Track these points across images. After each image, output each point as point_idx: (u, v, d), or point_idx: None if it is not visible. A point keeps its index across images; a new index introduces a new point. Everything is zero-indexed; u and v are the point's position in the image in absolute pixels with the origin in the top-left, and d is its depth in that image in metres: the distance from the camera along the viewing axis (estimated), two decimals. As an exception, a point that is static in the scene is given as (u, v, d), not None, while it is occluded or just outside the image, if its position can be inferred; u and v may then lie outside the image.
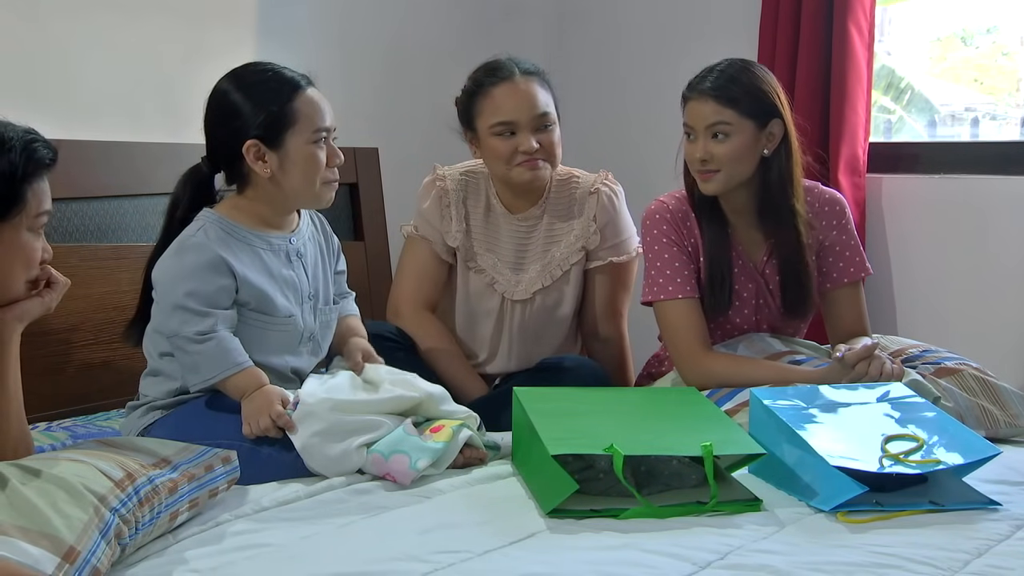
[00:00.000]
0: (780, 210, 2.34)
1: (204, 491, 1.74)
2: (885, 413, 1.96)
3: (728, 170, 2.30)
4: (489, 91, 2.46)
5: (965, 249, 2.90)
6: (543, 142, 2.45)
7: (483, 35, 3.40)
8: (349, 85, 3.00)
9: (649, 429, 1.94)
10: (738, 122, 2.28)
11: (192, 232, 2.09)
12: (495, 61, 2.50)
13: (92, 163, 2.50)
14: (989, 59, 3.28)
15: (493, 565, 1.55)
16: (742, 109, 2.28)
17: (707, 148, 2.29)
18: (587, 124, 3.50)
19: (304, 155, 2.10)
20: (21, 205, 1.67)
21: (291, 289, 2.16)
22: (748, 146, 2.29)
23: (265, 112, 2.07)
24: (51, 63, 2.54)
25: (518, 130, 2.44)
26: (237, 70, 2.13)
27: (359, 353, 2.24)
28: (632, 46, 3.54)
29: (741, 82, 2.29)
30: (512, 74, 2.46)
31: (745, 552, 1.60)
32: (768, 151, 2.32)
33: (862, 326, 2.42)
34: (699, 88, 2.31)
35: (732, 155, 2.28)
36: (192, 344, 2.02)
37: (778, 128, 2.31)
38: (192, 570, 1.55)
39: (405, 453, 1.93)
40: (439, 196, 2.58)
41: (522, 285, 2.56)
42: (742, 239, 2.41)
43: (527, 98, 2.44)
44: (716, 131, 2.28)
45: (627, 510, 1.75)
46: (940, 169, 2.98)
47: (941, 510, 1.77)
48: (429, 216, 2.58)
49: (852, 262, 2.42)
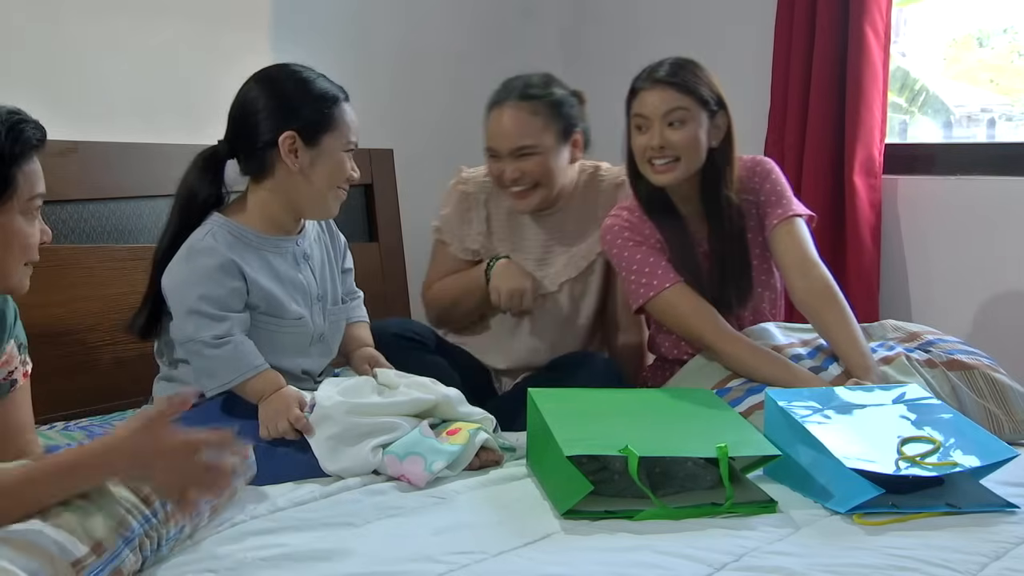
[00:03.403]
0: (719, 200, 2.37)
1: (224, 495, 1.73)
2: (901, 415, 1.96)
3: (686, 158, 2.32)
4: (488, 113, 2.49)
5: (981, 250, 2.89)
6: (526, 170, 2.44)
7: (498, 37, 3.40)
8: (364, 86, 2.99)
9: (664, 430, 1.94)
10: (694, 108, 2.31)
11: (200, 236, 2.09)
12: (505, 82, 2.50)
13: (109, 164, 2.51)
14: (1005, 60, 3.27)
15: (508, 566, 1.56)
16: (697, 97, 2.31)
17: (664, 135, 2.30)
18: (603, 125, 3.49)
19: (336, 159, 2.12)
20: (11, 189, 1.60)
21: (299, 292, 2.16)
22: (701, 136, 2.33)
23: (309, 110, 2.09)
24: (68, 65, 2.56)
25: (501, 157, 2.46)
26: (281, 68, 2.15)
27: (366, 364, 2.25)
28: (648, 47, 3.49)
29: (694, 73, 2.34)
30: (503, 100, 2.46)
31: (760, 554, 1.60)
32: (716, 143, 2.35)
33: (807, 261, 2.35)
34: (654, 78, 2.33)
35: (689, 142, 2.31)
36: (208, 348, 2.03)
37: (723, 121, 2.35)
38: (208, 570, 1.56)
39: (420, 455, 1.94)
40: (461, 199, 2.59)
41: (549, 278, 2.57)
42: (693, 229, 2.43)
43: (507, 128, 2.43)
44: (673, 118, 2.30)
45: (642, 511, 1.75)
46: (956, 170, 2.97)
47: (958, 512, 1.76)
48: (450, 221, 2.60)
49: (779, 204, 2.40)
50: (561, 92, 2.49)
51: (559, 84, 2.51)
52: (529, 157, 2.44)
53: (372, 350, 2.30)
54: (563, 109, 2.47)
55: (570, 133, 2.48)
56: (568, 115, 2.48)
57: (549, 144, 2.45)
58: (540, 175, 2.46)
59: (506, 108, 2.45)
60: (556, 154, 2.47)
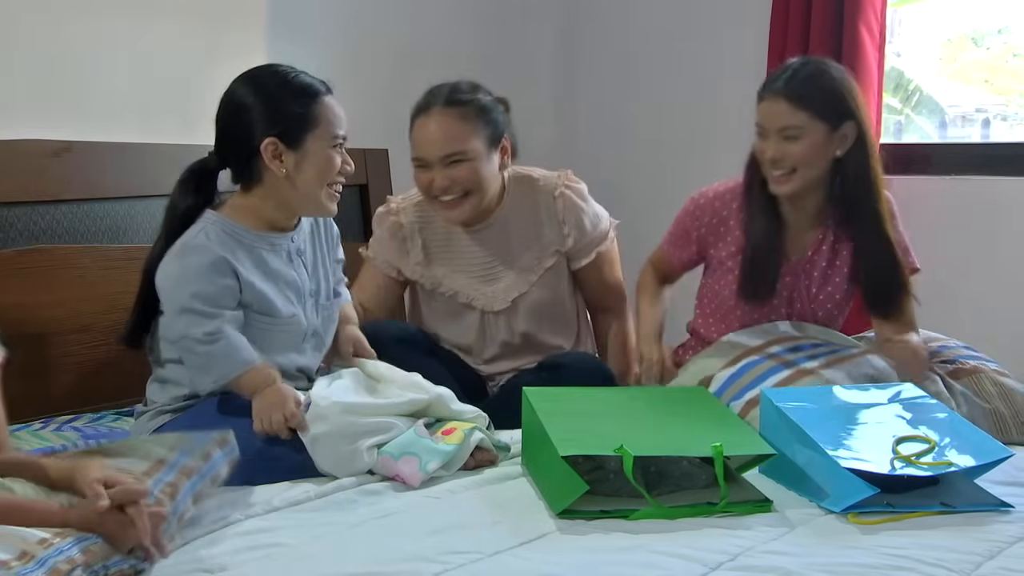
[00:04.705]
0: (861, 211, 2.34)
1: (206, 481, 1.72)
2: (896, 414, 1.96)
3: (803, 170, 2.30)
4: (413, 121, 2.42)
5: (977, 250, 2.89)
6: (456, 177, 2.37)
7: (495, 36, 3.40)
8: (360, 86, 3.00)
9: (659, 430, 1.94)
10: (810, 124, 2.28)
11: (193, 234, 2.08)
12: (430, 89, 2.43)
13: (105, 164, 2.51)
14: (1000, 60, 3.28)
15: (503, 566, 1.56)
16: (814, 111, 2.27)
17: (779, 147, 2.29)
18: (599, 125, 3.50)
19: (322, 157, 2.11)
20: None
21: (292, 289, 2.16)
22: (820, 147, 2.29)
23: (288, 112, 2.07)
24: (65, 65, 2.55)
25: (430, 166, 2.39)
26: (258, 70, 2.14)
27: (350, 345, 2.25)
28: (644, 47, 3.53)
29: (815, 83, 2.29)
30: (429, 106, 2.39)
31: (755, 553, 1.60)
32: (841, 152, 2.31)
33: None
34: (773, 88, 2.31)
35: (805, 155, 2.29)
36: (201, 345, 2.02)
37: (851, 130, 2.30)
38: (203, 569, 1.56)
39: (415, 455, 1.94)
40: (393, 231, 2.53)
41: (499, 296, 2.51)
42: (790, 235, 2.41)
43: (436, 135, 2.37)
44: (787, 134, 2.29)
45: (637, 511, 1.75)
46: (951, 170, 2.97)
47: (952, 512, 1.76)
48: (383, 250, 2.56)
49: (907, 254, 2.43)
50: (487, 98, 2.43)
51: (485, 91, 2.45)
52: (459, 164, 2.37)
53: (355, 330, 2.30)
54: (491, 115, 2.41)
55: (498, 139, 2.42)
56: (496, 121, 2.42)
57: (479, 150, 2.38)
58: (471, 182, 2.39)
59: (432, 114, 2.38)
60: (486, 160, 2.40)
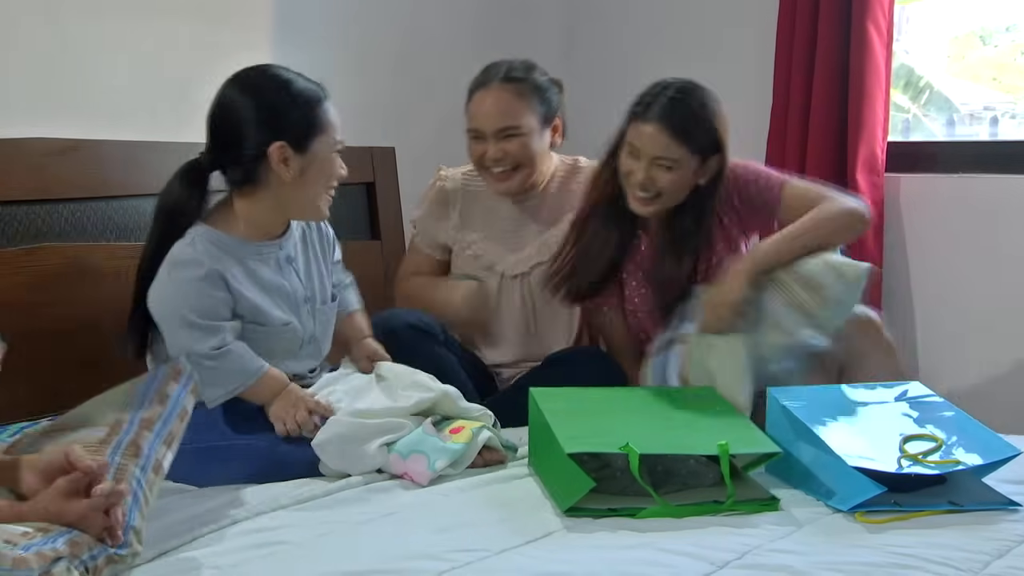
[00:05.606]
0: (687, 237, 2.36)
1: (173, 421, 1.71)
2: (903, 413, 1.96)
3: (668, 197, 2.32)
4: (471, 95, 2.53)
5: (984, 248, 2.88)
6: (508, 151, 2.48)
7: (497, 34, 3.39)
8: (365, 85, 3.01)
9: (665, 428, 1.94)
10: (685, 158, 2.29)
11: (181, 248, 2.06)
12: (488, 66, 2.54)
13: (110, 163, 2.51)
14: (1008, 58, 3.27)
15: (510, 564, 1.56)
16: (694, 147, 2.28)
17: (650, 173, 2.29)
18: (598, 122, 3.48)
19: (327, 162, 2.11)
20: None
21: (283, 297, 2.14)
22: (689, 178, 2.32)
23: (294, 117, 2.07)
24: (70, 65, 2.56)
25: (484, 138, 2.49)
26: (251, 73, 2.12)
27: (365, 359, 2.25)
28: (647, 44, 3.52)
29: (697, 119, 2.29)
30: (487, 82, 2.50)
31: (762, 552, 1.59)
32: (703, 181, 2.33)
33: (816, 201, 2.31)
34: (656, 114, 2.28)
35: (673, 184, 2.30)
36: (208, 360, 2.01)
37: (717, 162, 2.33)
38: (211, 566, 1.56)
39: (424, 453, 1.94)
40: (438, 195, 2.63)
41: (521, 261, 2.58)
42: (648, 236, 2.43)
43: (491, 109, 2.48)
44: (662, 163, 2.28)
45: (644, 509, 1.75)
46: (959, 168, 2.96)
47: (960, 511, 1.76)
48: (423, 220, 2.66)
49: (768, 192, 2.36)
50: (543, 78, 2.54)
51: (541, 71, 2.55)
52: (512, 138, 2.48)
53: (373, 343, 2.28)
54: (545, 94, 2.52)
55: (551, 118, 2.54)
56: (550, 100, 2.53)
57: (532, 126, 2.49)
58: (522, 157, 2.50)
59: (491, 89, 2.49)
60: (538, 137, 2.52)
